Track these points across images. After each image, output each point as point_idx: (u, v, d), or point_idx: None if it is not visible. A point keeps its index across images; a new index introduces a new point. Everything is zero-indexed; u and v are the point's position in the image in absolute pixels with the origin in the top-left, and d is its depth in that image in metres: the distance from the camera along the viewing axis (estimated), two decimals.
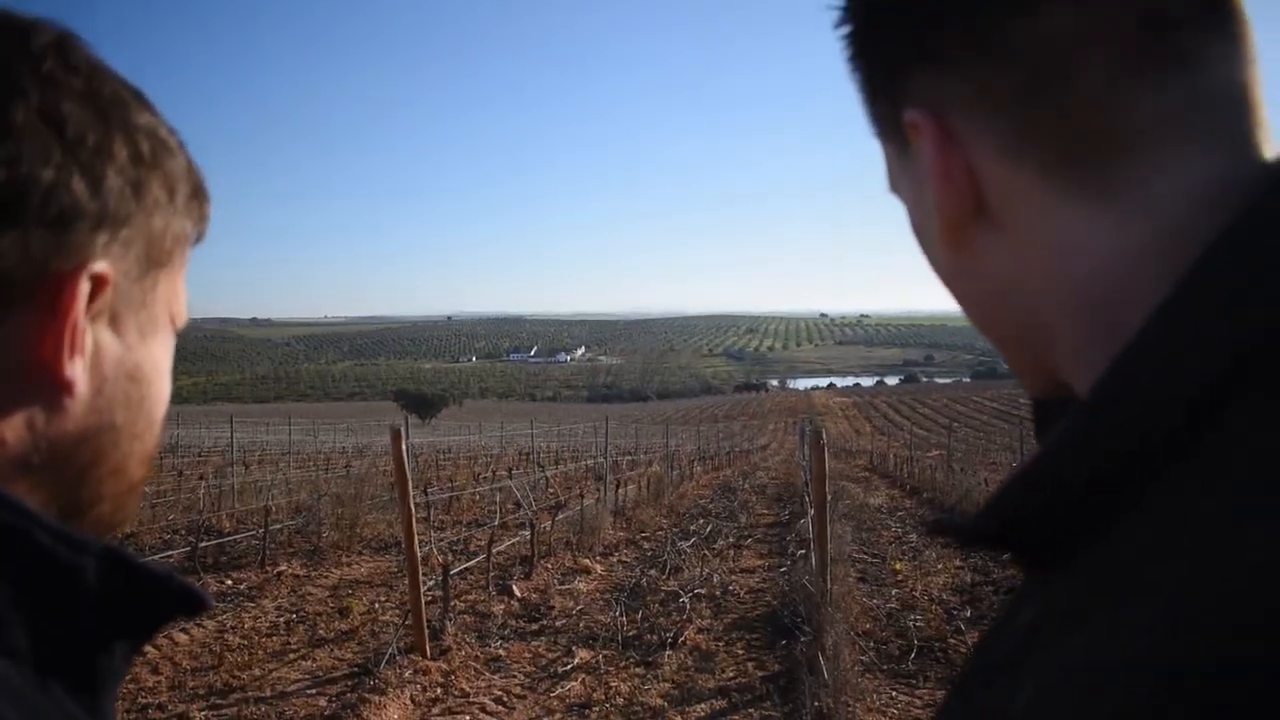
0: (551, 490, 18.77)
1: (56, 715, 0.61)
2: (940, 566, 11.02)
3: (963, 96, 0.61)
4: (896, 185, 0.73)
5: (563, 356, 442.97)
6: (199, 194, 0.80)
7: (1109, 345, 0.55)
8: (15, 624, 0.60)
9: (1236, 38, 0.57)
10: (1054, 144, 0.59)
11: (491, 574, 10.37)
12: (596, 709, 6.69)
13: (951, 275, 0.69)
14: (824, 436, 8.64)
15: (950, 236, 0.65)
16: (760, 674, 7.43)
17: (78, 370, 0.67)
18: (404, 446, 7.72)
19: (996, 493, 0.58)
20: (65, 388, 0.67)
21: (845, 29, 0.69)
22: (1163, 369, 0.51)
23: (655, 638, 8.39)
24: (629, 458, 26.48)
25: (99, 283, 0.67)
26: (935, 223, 0.65)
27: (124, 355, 0.73)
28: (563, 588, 10.40)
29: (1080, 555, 0.53)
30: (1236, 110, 0.57)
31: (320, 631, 8.45)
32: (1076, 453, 0.54)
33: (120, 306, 0.71)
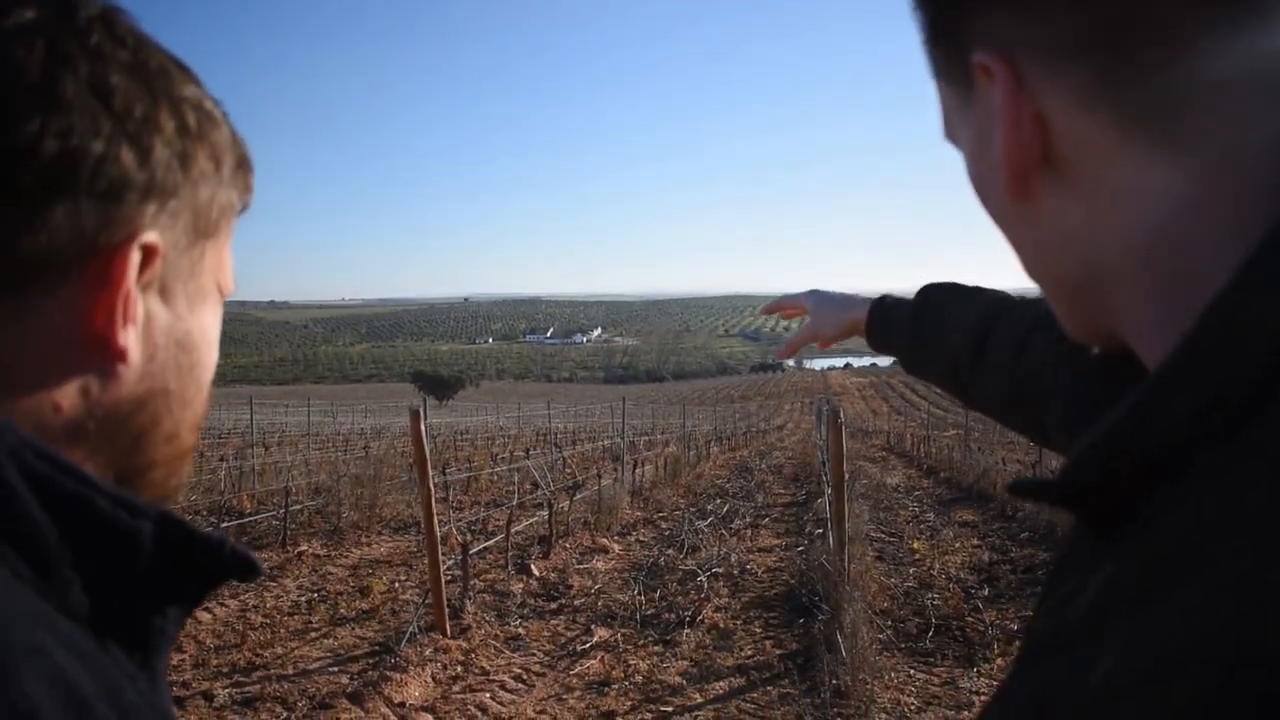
0: (569, 470, 18.80)
1: (118, 675, 0.62)
2: (958, 545, 11.04)
3: (1036, 40, 0.60)
4: (954, 133, 0.72)
5: (579, 337, 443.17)
6: (244, 165, 0.82)
7: (1172, 298, 0.57)
8: (77, 586, 0.62)
9: None
10: (1127, 92, 0.58)
11: (510, 553, 10.42)
12: (615, 687, 6.74)
13: (1013, 224, 0.68)
14: (841, 416, 8.64)
15: (1017, 185, 0.64)
16: (778, 652, 7.47)
17: (130, 339, 0.69)
18: (422, 427, 7.76)
19: (1081, 451, 0.58)
20: (119, 356, 0.68)
21: None
22: (1240, 340, 0.50)
23: (673, 616, 8.44)
24: (646, 438, 26.50)
25: (149, 253, 0.69)
26: (1002, 171, 0.64)
27: (174, 324, 0.74)
28: (581, 567, 10.46)
29: (1157, 519, 0.54)
30: None
31: (341, 610, 8.52)
32: (1161, 414, 0.54)
33: (169, 276, 0.73)
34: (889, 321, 1.57)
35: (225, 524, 11.12)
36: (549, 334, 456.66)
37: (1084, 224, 0.62)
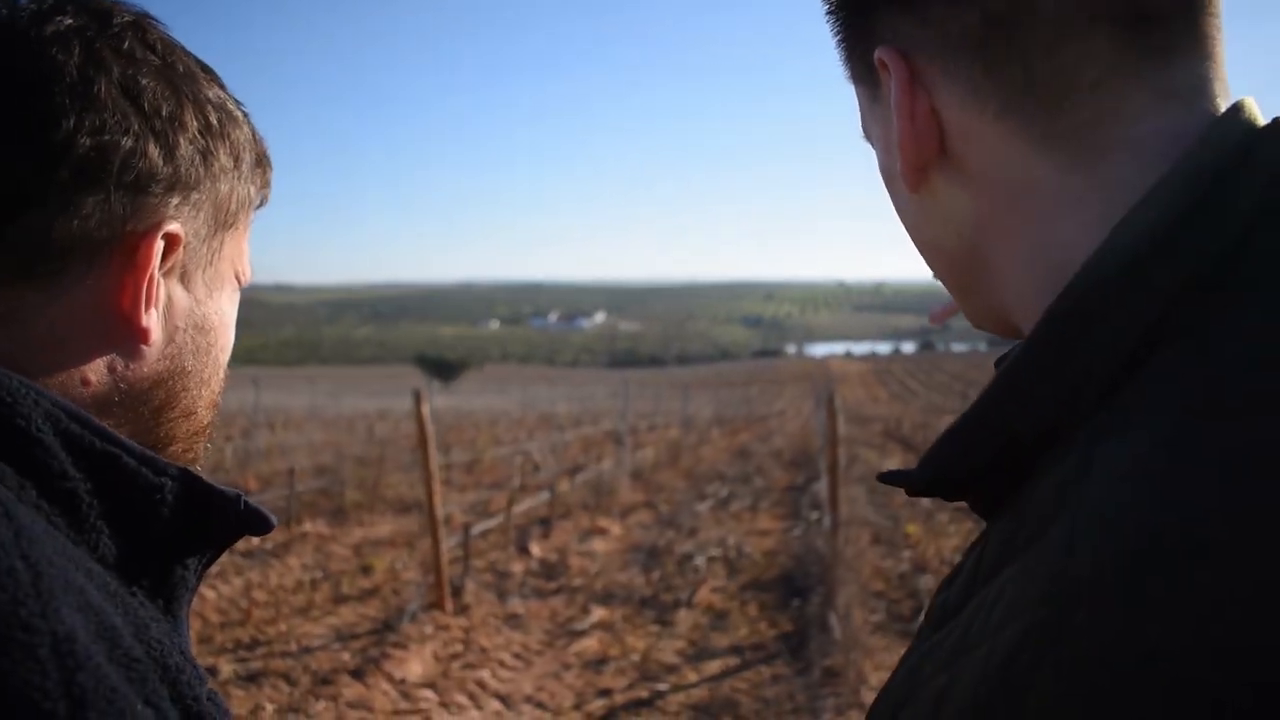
0: (570, 453, 18.89)
1: (144, 615, 0.69)
2: (953, 529, 11.14)
3: (931, 39, 0.64)
4: (868, 130, 0.76)
5: (582, 322, 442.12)
6: (263, 161, 0.90)
7: (1052, 285, 0.59)
8: (106, 536, 0.69)
9: None
10: (1013, 87, 0.61)
11: (511, 534, 10.54)
12: (612, 665, 6.86)
13: (912, 217, 0.73)
14: (837, 401, 8.73)
15: (914, 176, 0.67)
16: (773, 632, 7.58)
17: (153, 320, 0.76)
18: (425, 409, 7.86)
19: (932, 446, 0.65)
20: (142, 336, 0.76)
21: None
22: (1080, 329, 0.56)
23: (671, 597, 8.56)
24: (647, 422, 26.57)
25: (171, 241, 0.76)
26: (899, 163, 0.68)
27: (193, 308, 0.82)
28: (581, 548, 10.57)
29: (1019, 496, 0.59)
30: (1193, 64, 0.60)
31: (344, 589, 8.63)
32: (1000, 408, 0.60)
33: (190, 263, 0.80)
34: None
35: None
36: (552, 318, 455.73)
37: (976, 215, 0.67)
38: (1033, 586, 0.49)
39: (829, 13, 0.74)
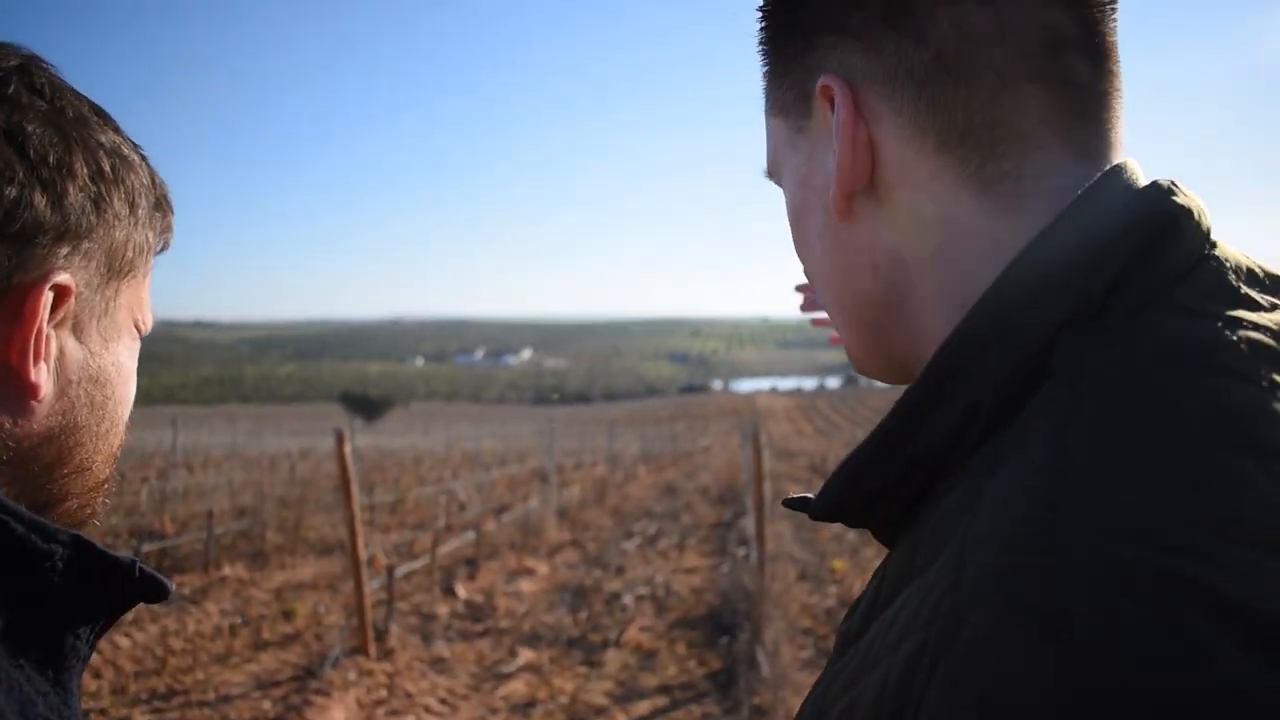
0: (496, 492, 18.77)
1: (30, 690, 0.67)
2: (878, 563, 11.21)
3: (879, 71, 0.67)
4: (779, 163, 0.79)
5: (509, 358, 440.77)
6: (162, 206, 0.87)
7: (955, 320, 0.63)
8: None
9: (1112, 65, 0.67)
10: (953, 127, 0.65)
11: (436, 575, 10.43)
12: (540, 708, 6.79)
13: (827, 250, 0.74)
14: (762, 436, 8.78)
15: (842, 205, 0.69)
16: (702, 671, 7.56)
17: (42, 375, 0.73)
18: (348, 449, 7.76)
19: (832, 474, 0.68)
20: (30, 391, 0.72)
21: (794, 12, 0.73)
22: (970, 361, 0.60)
23: (599, 637, 8.51)
24: (574, 459, 26.50)
25: (61, 292, 0.73)
26: (834, 189, 0.69)
27: (87, 360, 0.78)
28: (507, 589, 10.47)
29: (915, 524, 0.62)
30: (1103, 126, 0.67)
31: (264, 635, 8.44)
32: (894, 437, 0.64)
33: (83, 314, 0.77)
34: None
35: (146, 547, 10.93)
36: (479, 355, 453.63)
37: (897, 247, 0.69)
38: (925, 605, 0.51)
39: (764, 42, 0.77)
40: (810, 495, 0.73)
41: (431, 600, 9.70)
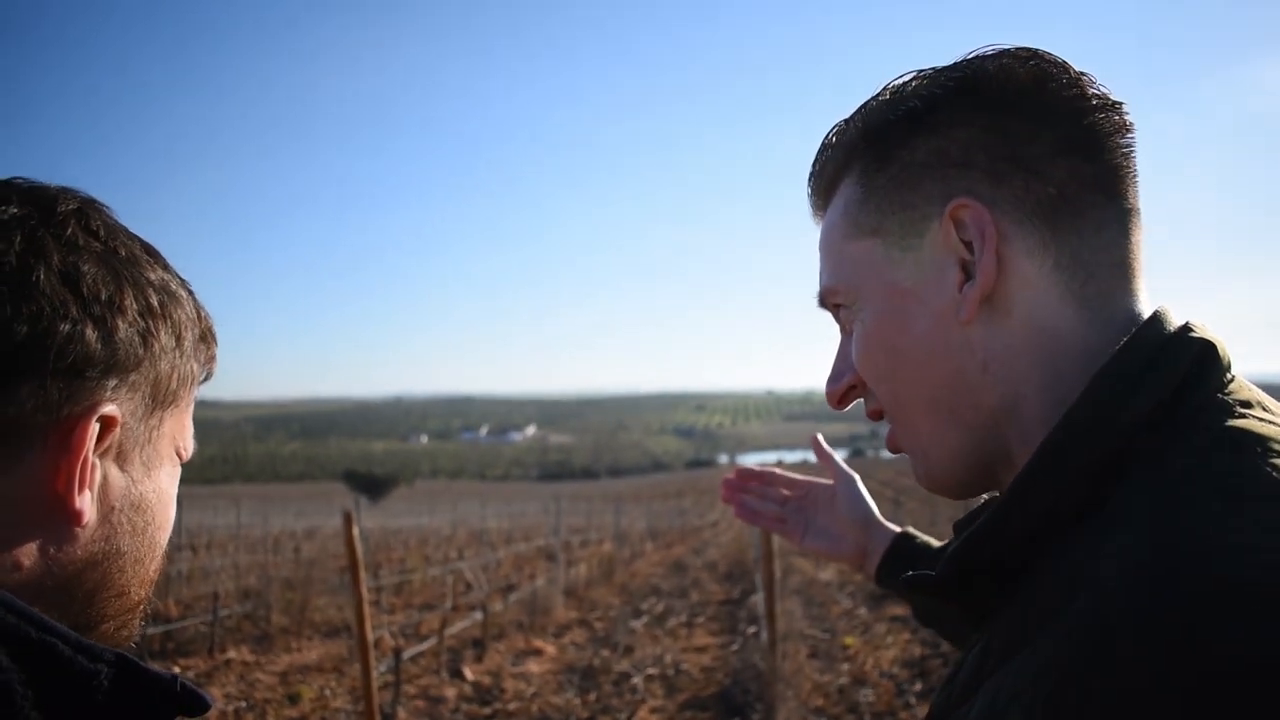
0: (503, 571, 18.64)
1: None
2: (890, 640, 11.09)
3: (1004, 199, 0.82)
4: (861, 282, 0.90)
5: (514, 435, 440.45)
6: (207, 338, 0.91)
7: (1055, 418, 0.77)
8: None
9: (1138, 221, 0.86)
10: (1068, 251, 0.82)
11: (444, 657, 10.31)
12: None
13: (934, 353, 0.86)
14: None
15: (973, 309, 0.82)
16: None
17: (87, 502, 0.75)
18: (355, 531, 7.71)
19: (957, 546, 0.79)
20: (75, 518, 0.75)
21: (899, 123, 0.88)
22: (1071, 453, 0.73)
23: (609, 719, 8.38)
24: (580, 536, 26.34)
25: (108, 423, 0.76)
26: (971, 294, 0.82)
27: (129, 487, 0.81)
28: (515, 669, 10.35)
29: (1017, 596, 0.73)
30: (1139, 267, 0.85)
31: (270, 719, 8.33)
32: (1013, 513, 0.75)
33: (127, 443, 0.80)
34: (910, 558, 1.40)
35: (151, 630, 10.84)
36: (484, 432, 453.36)
37: (1006, 347, 0.82)
38: (1064, 644, 0.61)
39: (877, 169, 0.90)
40: (926, 573, 0.83)
41: (439, 683, 9.58)
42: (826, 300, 0.96)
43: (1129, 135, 0.84)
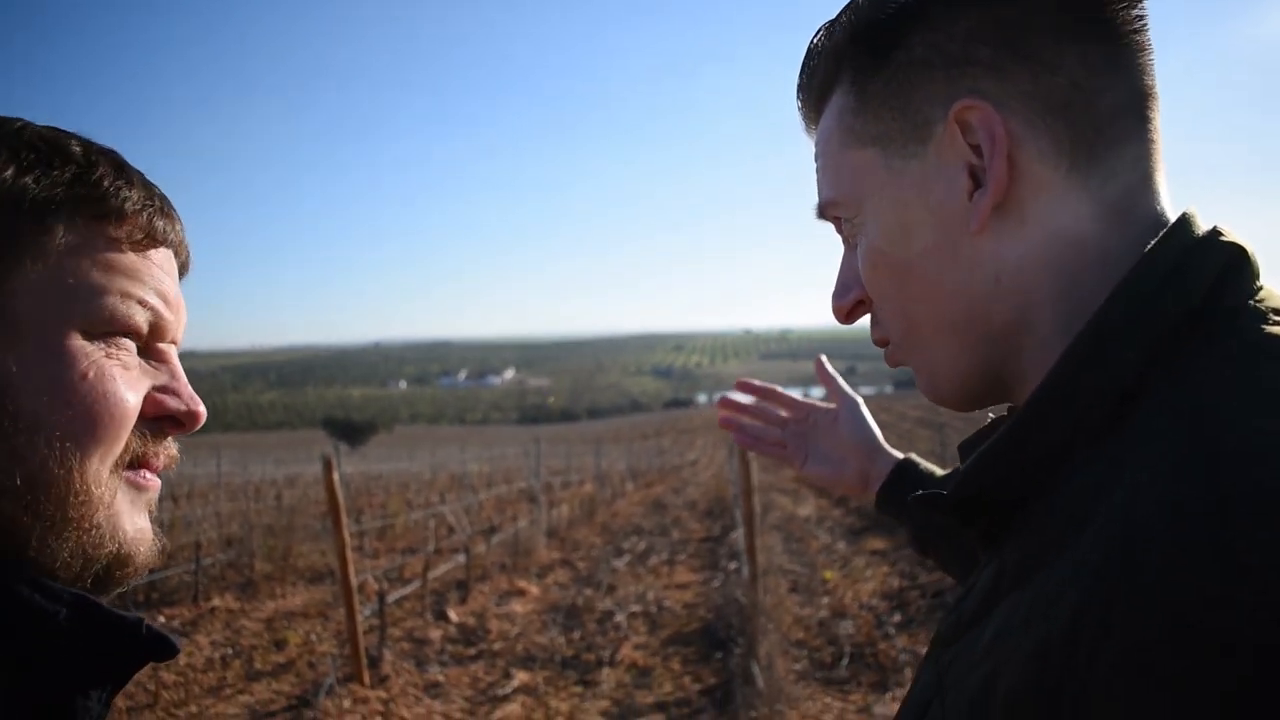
0: (485, 514, 18.69)
1: None
2: (869, 574, 11.22)
3: (1012, 96, 0.75)
4: (864, 193, 0.84)
5: (492, 379, 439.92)
6: (54, 154, 0.80)
7: (1072, 330, 0.73)
8: None
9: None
10: (1084, 149, 0.75)
11: (428, 600, 10.37)
12: None
13: (942, 266, 0.80)
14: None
15: (985, 217, 0.76)
16: (697, 687, 7.54)
17: None
18: (336, 476, 7.73)
19: (972, 464, 0.76)
20: None
21: (889, 22, 0.80)
22: (1093, 363, 0.69)
23: (593, 656, 8.47)
24: (561, 478, 26.42)
25: None
26: (983, 203, 0.76)
27: None
28: (499, 610, 10.43)
29: (1030, 516, 0.70)
30: (1159, 158, 0.78)
31: (257, 665, 8.38)
32: (1031, 430, 0.71)
33: None
34: (914, 483, 1.38)
35: (134, 581, 10.83)
36: (462, 376, 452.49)
37: (1019, 256, 0.77)
38: (1087, 565, 0.58)
39: (845, 79, 0.84)
40: (936, 493, 0.80)
41: (424, 625, 9.65)
42: (827, 213, 0.90)
43: (1140, 5, 0.76)
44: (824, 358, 1.51)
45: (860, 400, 1.49)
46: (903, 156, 0.81)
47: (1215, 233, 0.73)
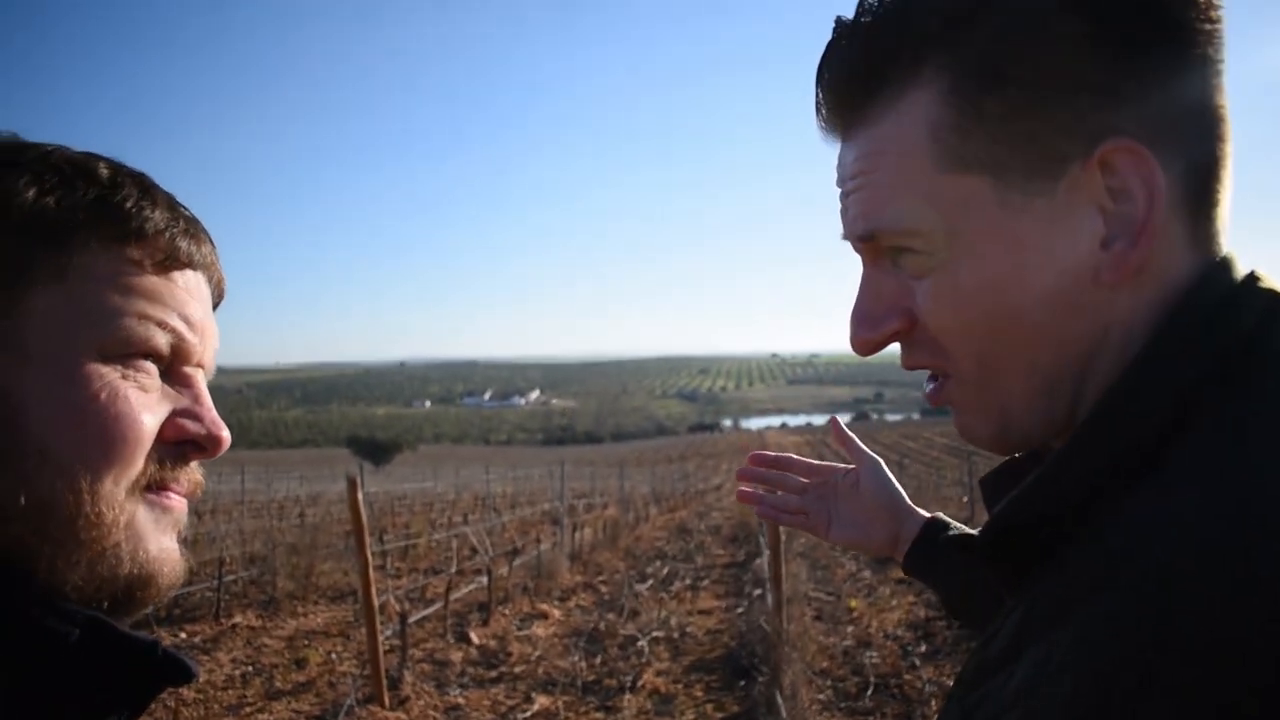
0: (508, 535, 18.68)
1: None
2: (895, 603, 11.12)
3: (1160, 137, 0.69)
4: (959, 225, 0.73)
5: (517, 400, 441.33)
6: (81, 175, 0.80)
7: None
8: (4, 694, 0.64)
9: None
10: (1204, 195, 0.71)
11: (449, 621, 10.33)
12: None
13: (1055, 315, 0.71)
14: None
15: (1124, 276, 0.70)
16: (719, 715, 7.47)
17: None
18: (360, 495, 7.71)
19: (1003, 505, 0.72)
20: None
21: (1006, 26, 0.69)
22: (1134, 402, 0.67)
23: (614, 682, 8.41)
24: (585, 500, 26.40)
25: None
26: (1131, 255, 0.69)
27: None
28: (521, 633, 10.38)
29: (1062, 558, 0.66)
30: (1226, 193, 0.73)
31: (277, 683, 8.36)
32: (1071, 469, 0.68)
33: None
34: (939, 544, 1.34)
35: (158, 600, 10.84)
36: (487, 396, 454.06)
37: (1134, 315, 0.71)
38: (1129, 599, 0.56)
39: (987, 89, 0.71)
40: (973, 533, 0.81)
41: (445, 646, 9.61)
42: (888, 240, 0.77)
43: (1219, 12, 0.68)
44: (839, 419, 1.49)
45: (880, 461, 1.43)
46: (1024, 192, 0.71)
47: (1254, 278, 0.70)
